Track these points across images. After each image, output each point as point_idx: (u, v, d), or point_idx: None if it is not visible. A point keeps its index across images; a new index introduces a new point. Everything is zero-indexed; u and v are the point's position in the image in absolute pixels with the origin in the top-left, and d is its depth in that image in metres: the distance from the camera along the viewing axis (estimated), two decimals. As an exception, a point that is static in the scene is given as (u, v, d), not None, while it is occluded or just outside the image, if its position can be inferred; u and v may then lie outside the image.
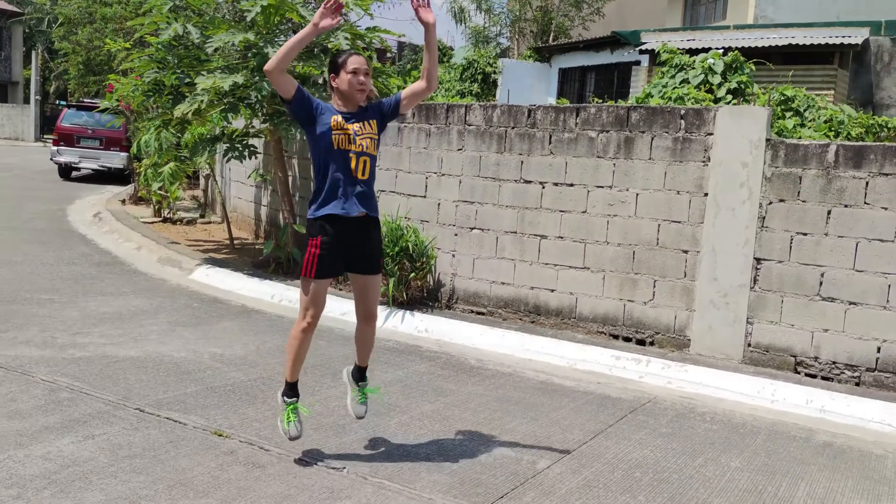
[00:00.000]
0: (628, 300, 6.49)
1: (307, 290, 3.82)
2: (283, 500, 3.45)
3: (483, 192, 7.17)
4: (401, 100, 3.97)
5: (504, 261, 7.07)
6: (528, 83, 21.39)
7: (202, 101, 7.54)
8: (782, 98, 8.09)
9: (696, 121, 6.20)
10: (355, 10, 8.01)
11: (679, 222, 6.27)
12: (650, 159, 6.37)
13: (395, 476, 3.78)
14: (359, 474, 3.77)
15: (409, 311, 7.01)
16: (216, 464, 3.78)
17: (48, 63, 38.95)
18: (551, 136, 6.81)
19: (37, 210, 12.80)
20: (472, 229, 7.25)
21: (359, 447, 4.13)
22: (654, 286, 6.37)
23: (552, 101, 19.75)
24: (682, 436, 4.68)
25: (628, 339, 6.48)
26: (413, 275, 7.23)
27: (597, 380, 5.75)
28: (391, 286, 6.99)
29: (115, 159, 18.26)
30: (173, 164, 9.78)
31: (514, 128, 7.00)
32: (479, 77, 21.76)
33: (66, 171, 18.84)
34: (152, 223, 11.67)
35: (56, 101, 39.26)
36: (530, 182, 6.92)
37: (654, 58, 14.47)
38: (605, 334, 6.59)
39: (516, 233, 7.00)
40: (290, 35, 7.20)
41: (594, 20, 26.11)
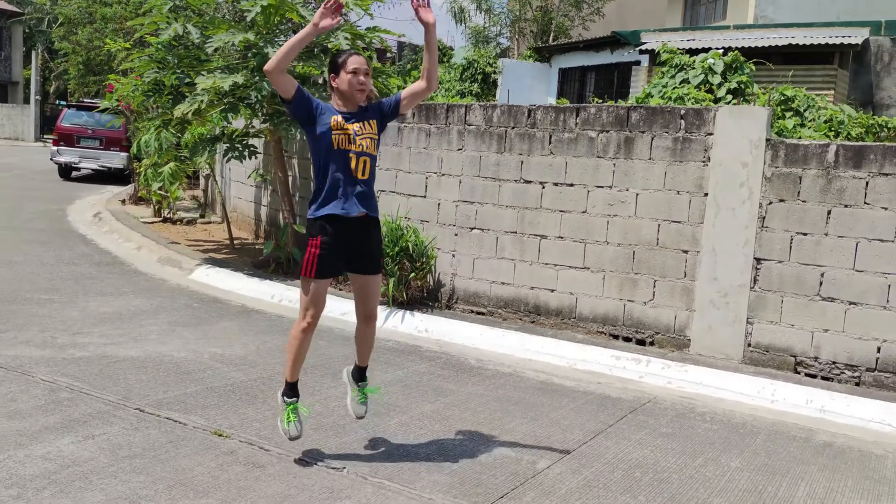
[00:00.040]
0: (628, 300, 6.49)
1: (307, 290, 3.82)
2: (283, 500, 3.46)
3: (483, 192, 7.17)
4: (401, 100, 3.97)
5: (504, 261, 7.07)
6: (528, 83, 21.39)
7: (202, 101, 7.55)
8: (782, 98, 8.09)
9: (696, 121, 6.20)
10: (355, 10, 8.02)
11: (679, 222, 6.27)
12: (650, 159, 6.37)
13: (395, 476, 3.78)
14: (359, 474, 3.77)
15: (409, 311, 7.01)
16: (216, 464, 3.78)
17: (48, 63, 38.95)
18: (551, 136, 6.81)
19: (37, 210, 12.80)
20: (472, 229, 7.25)
21: (359, 447, 4.13)
22: (654, 286, 6.37)
23: (552, 101, 19.75)
24: (682, 436, 4.68)
25: (628, 339, 6.48)
26: (413, 275, 7.23)
27: (597, 380, 5.75)
28: (391, 286, 7.00)
29: (115, 159, 18.26)
30: (173, 164, 9.78)
31: (514, 128, 7.00)
32: (479, 77, 21.76)
33: (66, 171, 18.84)
34: (152, 223, 11.67)
35: (56, 101, 39.26)
36: (530, 182, 6.92)
37: (654, 58, 14.47)
38: (605, 334, 6.59)
39: (516, 233, 7.00)
40: (290, 35, 7.20)
41: (594, 20, 26.10)
